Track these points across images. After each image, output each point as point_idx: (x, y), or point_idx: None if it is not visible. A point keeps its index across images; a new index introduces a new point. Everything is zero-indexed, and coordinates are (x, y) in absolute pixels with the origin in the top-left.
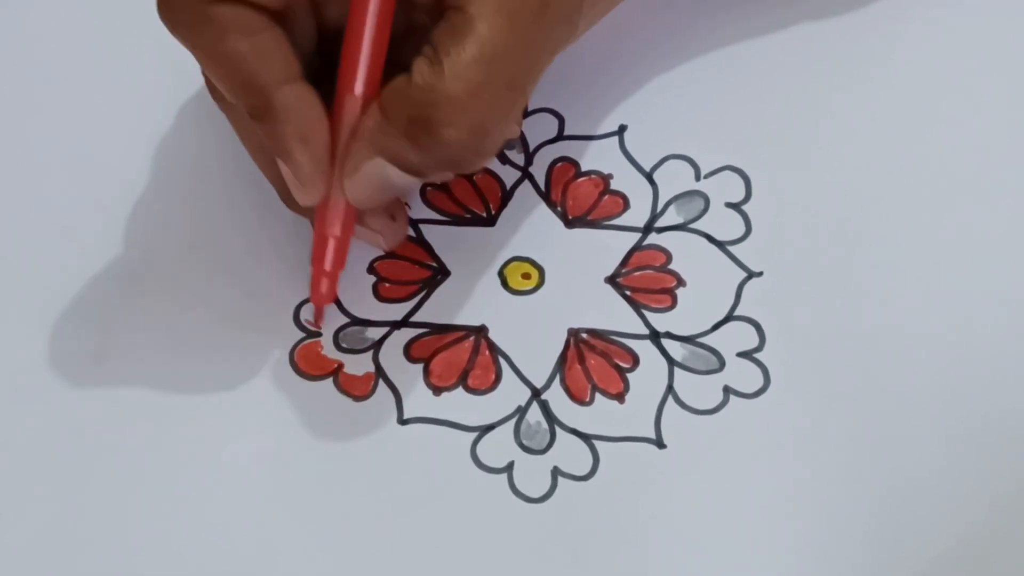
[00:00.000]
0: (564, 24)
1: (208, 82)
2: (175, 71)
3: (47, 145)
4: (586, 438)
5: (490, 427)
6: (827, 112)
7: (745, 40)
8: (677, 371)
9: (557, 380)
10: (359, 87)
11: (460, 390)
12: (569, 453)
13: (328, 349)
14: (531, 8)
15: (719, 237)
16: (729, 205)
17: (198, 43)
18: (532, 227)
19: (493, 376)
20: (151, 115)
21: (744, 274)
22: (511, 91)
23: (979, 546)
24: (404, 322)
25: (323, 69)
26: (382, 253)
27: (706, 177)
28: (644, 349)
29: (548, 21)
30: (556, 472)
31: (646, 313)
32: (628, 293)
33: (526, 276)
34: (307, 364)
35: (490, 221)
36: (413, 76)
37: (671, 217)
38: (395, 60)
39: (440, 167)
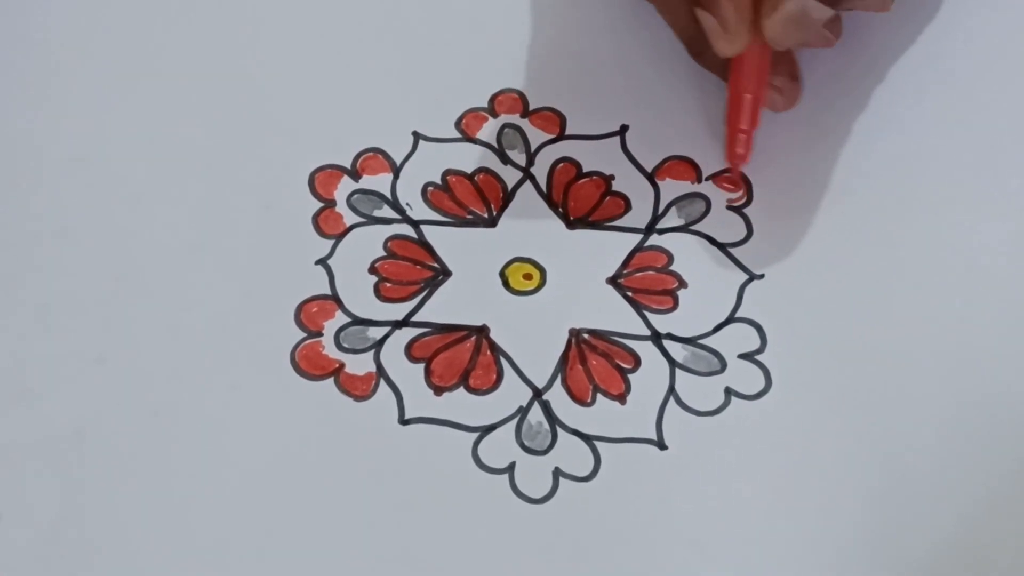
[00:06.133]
0: None
1: None
2: (176, 71)
3: (47, 145)
4: (587, 439)
5: (491, 427)
6: (828, 113)
7: None
8: (678, 372)
9: (558, 381)
10: None
11: (461, 390)
12: (570, 454)
13: (329, 349)
14: None
15: (720, 239)
16: (730, 207)
17: None
18: (533, 228)
19: (494, 376)
20: (151, 115)
21: (745, 276)
22: None
23: (979, 546)
24: (405, 322)
25: None
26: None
27: (707, 179)
28: (645, 350)
29: None
30: (557, 473)
31: (647, 314)
32: (629, 294)
33: (527, 276)
34: (308, 364)
35: (491, 222)
36: None
37: (672, 219)
38: None
39: None
